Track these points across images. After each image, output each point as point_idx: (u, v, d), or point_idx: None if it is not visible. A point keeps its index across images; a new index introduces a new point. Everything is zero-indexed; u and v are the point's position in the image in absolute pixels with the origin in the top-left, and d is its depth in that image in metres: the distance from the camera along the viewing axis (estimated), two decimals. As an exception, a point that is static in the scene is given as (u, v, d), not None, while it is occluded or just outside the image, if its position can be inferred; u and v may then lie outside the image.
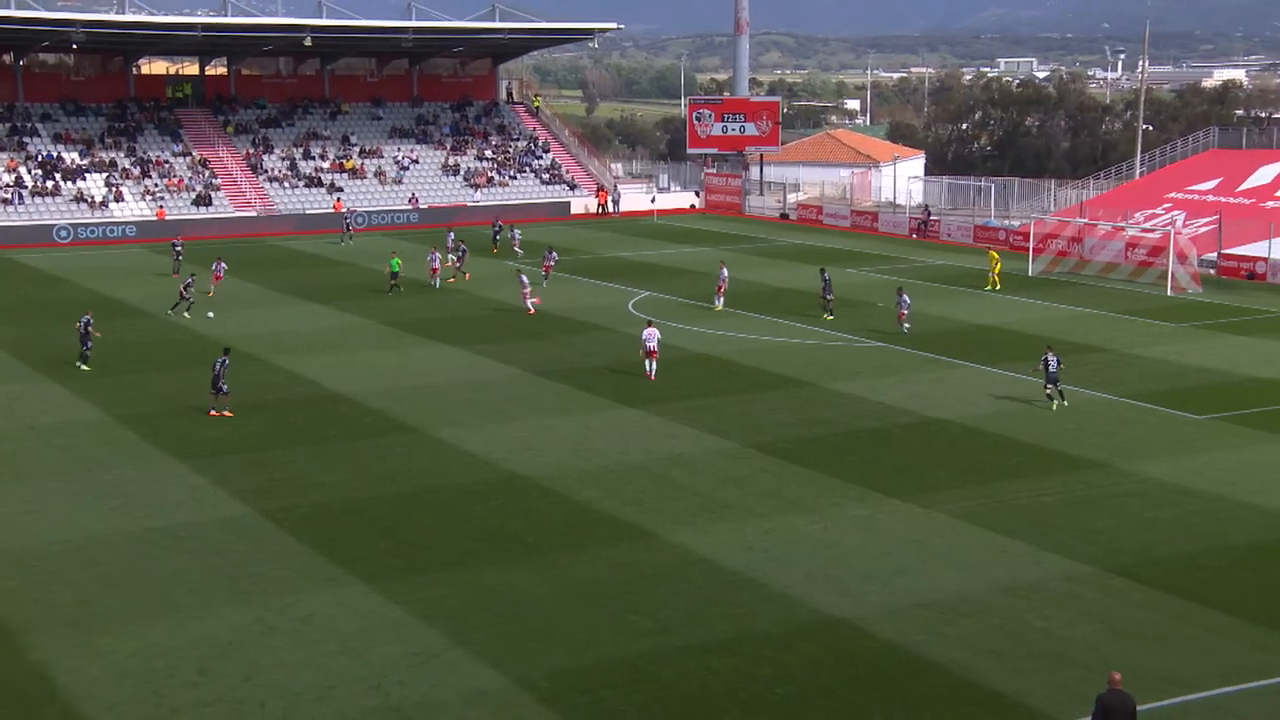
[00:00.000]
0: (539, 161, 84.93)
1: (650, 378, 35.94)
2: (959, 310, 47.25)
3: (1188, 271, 52.67)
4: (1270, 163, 68.41)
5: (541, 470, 27.89)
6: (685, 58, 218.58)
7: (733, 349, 40.34)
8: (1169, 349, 40.44)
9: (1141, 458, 28.61)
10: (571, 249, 64.74)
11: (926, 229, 70.76)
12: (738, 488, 26.72)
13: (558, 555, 22.98)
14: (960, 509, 25.19)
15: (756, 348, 40.50)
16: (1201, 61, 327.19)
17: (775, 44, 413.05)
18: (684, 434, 30.75)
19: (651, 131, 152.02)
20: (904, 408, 33.08)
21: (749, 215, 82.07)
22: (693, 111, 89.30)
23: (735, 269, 56.65)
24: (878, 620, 20.15)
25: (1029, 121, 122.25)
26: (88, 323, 37.63)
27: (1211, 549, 23.15)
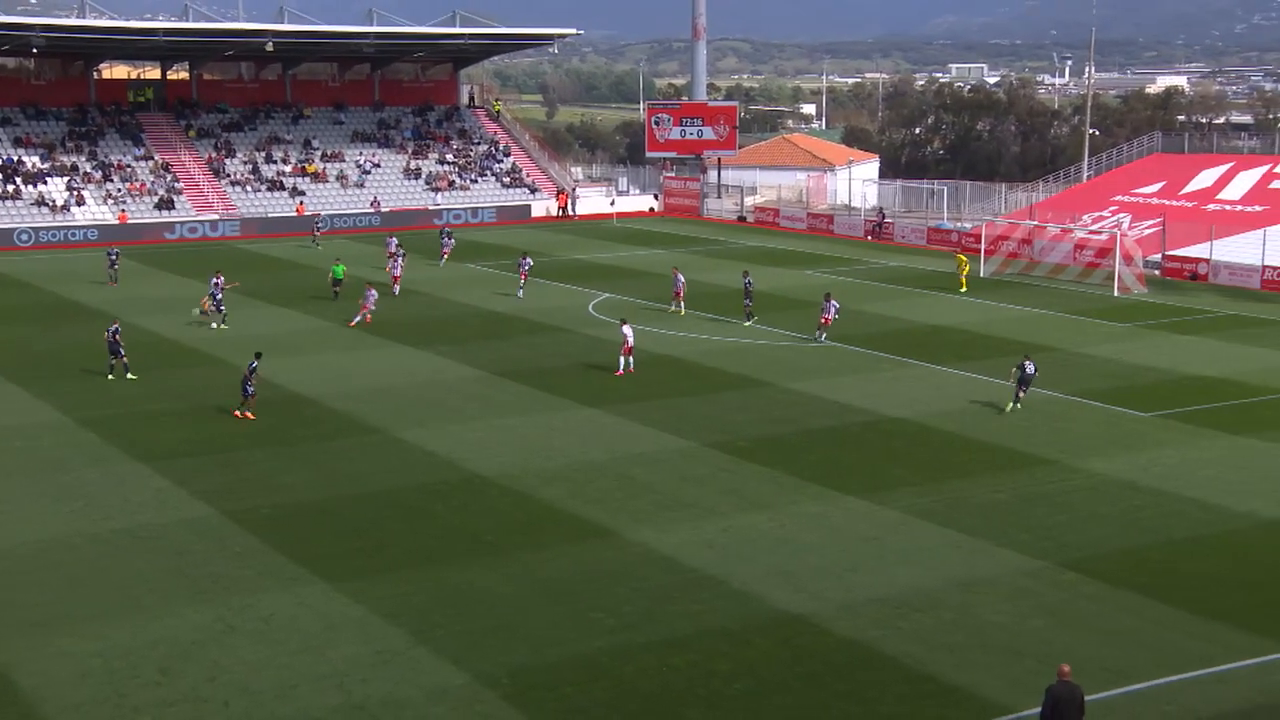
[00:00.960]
0: (500, 165, 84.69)
1: (618, 373, 35.95)
2: (913, 311, 47.53)
3: (1133, 273, 53.25)
4: (1211, 167, 69.28)
5: (503, 470, 27.79)
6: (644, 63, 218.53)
7: (692, 350, 40.38)
8: (1116, 348, 40.86)
9: (1090, 455, 28.87)
10: (532, 251, 64.57)
11: (881, 231, 71.15)
12: (697, 486, 26.73)
13: (520, 554, 22.91)
14: (915, 506, 25.33)
15: (716, 348, 40.56)
16: (1145, 68, 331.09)
17: (732, 49, 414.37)
18: (644, 434, 30.75)
19: (611, 135, 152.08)
20: (860, 407, 33.23)
21: (707, 218, 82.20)
22: (651, 116, 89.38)
23: (693, 271, 56.69)
24: (835, 616, 20.21)
25: (980, 126, 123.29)
26: (115, 331, 36.18)
27: (1156, 543, 23.39)
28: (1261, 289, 53.04)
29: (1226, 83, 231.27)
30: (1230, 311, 47.87)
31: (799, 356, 39.76)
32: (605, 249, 65.78)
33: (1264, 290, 52.84)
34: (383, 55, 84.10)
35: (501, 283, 54.49)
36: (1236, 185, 66.40)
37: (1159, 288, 53.32)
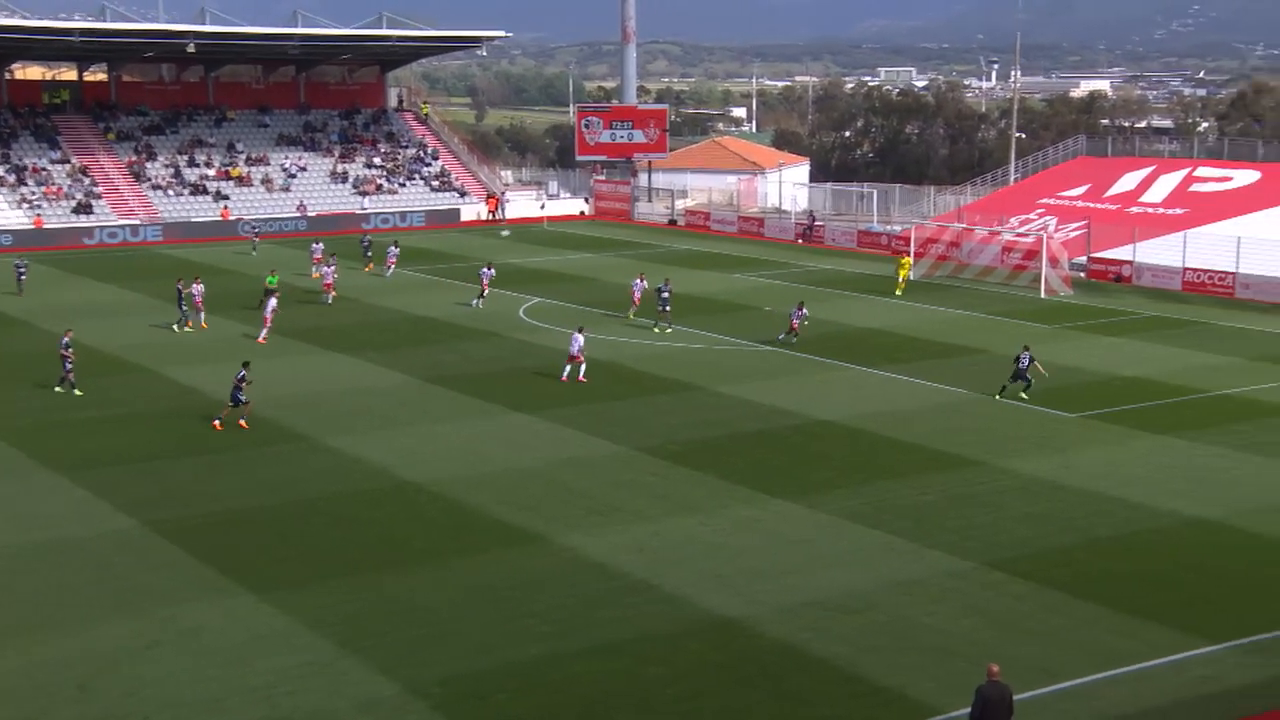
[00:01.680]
0: (428, 169, 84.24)
1: (563, 379, 36.03)
2: (843, 314, 48.00)
3: (1059, 275, 54.21)
4: (1133, 170, 70.73)
5: (433, 476, 27.67)
6: (574, 65, 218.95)
7: (624, 354, 40.45)
8: (1042, 350, 41.44)
9: (1017, 455, 29.36)
10: (463, 256, 64.36)
11: (811, 234, 71.78)
12: (628, 491, 26.80)
13: (450, 561, 22.82)
14: (845, 508, 25.59)
15: (647, 352, 40.67)
16: (1069, 73, 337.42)
17: (662, 52, 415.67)
18: (575, 438, 30.75)
19: (541, 139, 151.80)
20: (790, 410, 33.51)
21: (638, 221, 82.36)
22: (581, 119, 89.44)
23: (624, 275, 56.85)
24: (767, 619, 20.37)
25: (909, 129, 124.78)
26: (66, 344, 35.10)
27: (1082, 542, 23.85)
28: (1182, 290, 54.25)
29: (1148, 87, 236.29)
30: (1153, 313, 48.92)
31: (729, 360, 39.99)
32: (536, 253, 65.68)
33: (1185, 292, 54.05)
34: (308, 57, 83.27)
35: (432, 288, 54.20)
36: (1158, 188, 67.86)
37: (1084, 290, 54.33)
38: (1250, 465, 28.64)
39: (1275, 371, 38.00)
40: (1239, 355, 40.75)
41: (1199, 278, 54.34)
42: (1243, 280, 52.97)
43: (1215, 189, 66.17)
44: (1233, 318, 47.85)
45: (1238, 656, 19.03)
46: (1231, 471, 28.19)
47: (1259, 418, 32.76)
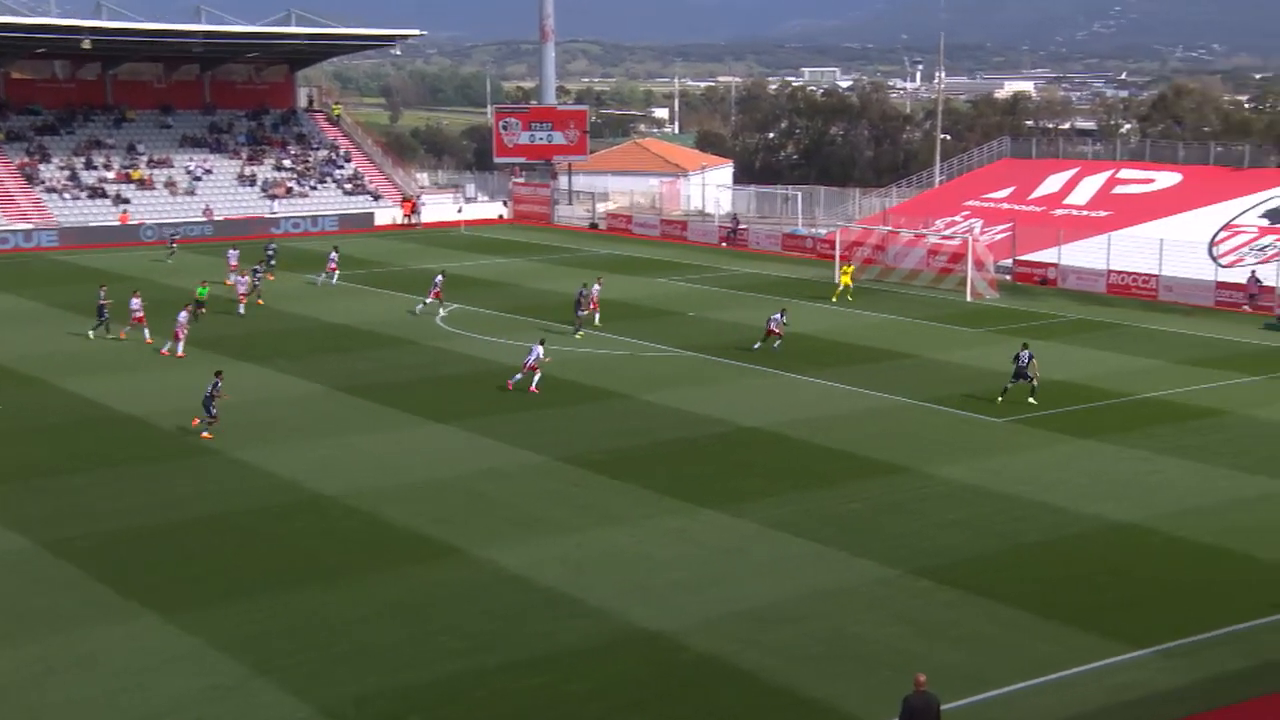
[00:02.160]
0: (341, 171, 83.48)
1: (509, 385, 35.92)
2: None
3: (985, 278, 55.12)
4: (1058, 172, 72.18)
5: (347, 489, 27.40)
6: (491, 65, 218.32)
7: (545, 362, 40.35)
8: (968, 354, 42.24)
9: (944, 461, 29.79)
10: (378, 261, 63.86)
11: (735, 238, 72.24)
12: (551, 502, 26.76)
13: (364, 576, 22.61)
14: (772, 517, 25.78)
15: (570, 360, 40.65)
16: (993, 73, 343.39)
17: (582, 51, 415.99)
18: (495, 449, 30.65)
19: (458, 140, 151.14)
20: (716, 417, 33.68)
21: (558, 225, 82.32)
22: (499, 120, 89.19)
23: (544, 280, 56.76)
24: (693, 631, 20.45)
25: (834, 130, 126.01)
26: None
27: (1008, 548, 24.26)
28: (1107, 293, 55.44)
29: (1071, 89, 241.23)
30: (1078, 316, 49.93)
31: (654, 367, 40.09)
32: (453, 258, 65.35)
33: (1109, 294, 55.24)
34: (213, 55, 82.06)
35: (347, 295, 53.69)
36: (1082, 190, 69.30)
37: (1010, 293, 55.30)
38: (1173, 468, 29.34)
39: (1197, 374, 38.97)
40: (1162, 358, 41.72)
41: (1123, 280, 55.57)
42: (1165, 283, 54.26)
43: (1138, 191, 67.73)
44: (1156, 320, 49.00)
45: (1162, 661, 19.48)
46: (1154, 475, 28.86)
47: (1181, 420, 33.57)
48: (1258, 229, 59.33)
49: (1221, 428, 32.93)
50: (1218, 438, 31.97)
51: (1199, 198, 64.37)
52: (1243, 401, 35.62)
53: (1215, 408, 34.83)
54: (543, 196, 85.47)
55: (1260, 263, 54.53)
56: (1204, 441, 31.56)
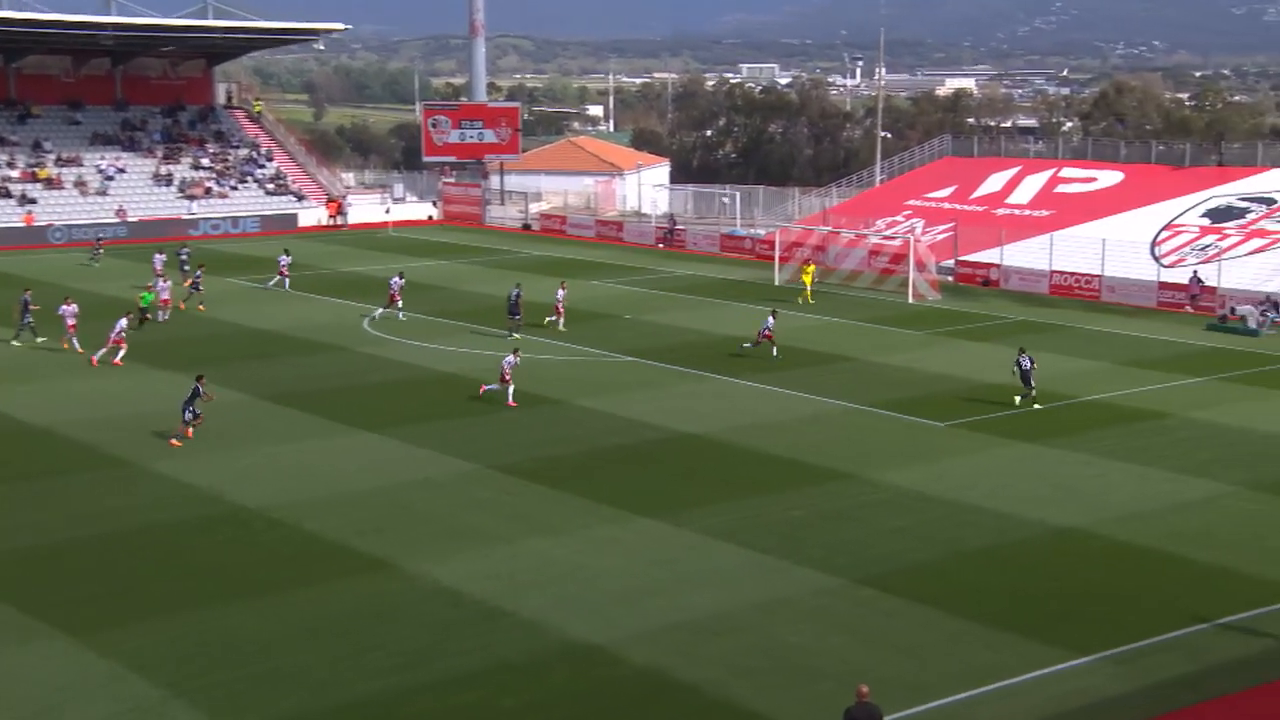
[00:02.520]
0: (262, 171, 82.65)
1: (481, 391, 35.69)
2: (707, 321, 48.55)
3: (927, 279, 55.71)
4: (1000, 170, 73.16)
5: (270, 501, 27.14)
6: (419, 61, 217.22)
7: (475, 367, 40.23)
8: (910, 356, 42.67)
9: (886, 466, 30.07)
10: (304, 264, 63.29)
11: (672, 238, 72.45)
12: (482, 512, 26.68)
13: (289, 592, 22.41)
14: (712, 526, 25.87)
15: (495, 365, 40.48)
16: (934, 70, 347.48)
17: (513, 47, 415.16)
18: (425, 457, 30.51)
19: (385, 138, 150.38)
20: (653, 423, 33.75)
21: (490, 226, 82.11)
22: (428, 117, 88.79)
23: (476, 283, 56.58)
24: (630, 644, 20.47)
25: (773, 128, 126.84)
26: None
27: (951, 555, 24.54)
28: (1050, 294, 56.26)
29: (1012, 85, 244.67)
30: (1021, 317, 50.61)
31: (590, 372, 40.10)
32: (381, 260, 64.96)
33: (1052, 295, 56.07)
34: (124, 48, 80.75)
35: (272, 300, 53.17)
36: (1024, 189, 70.30)
37: (952, 294, 55.94)
38: (1116, 472, 29.83)
39: (1140, 376, 39.65)
40: (1105, 360, 42.41)
41: (1066, 281, 56.42)
42: (1108, 283, 55.17)
43: (1080, 190, 68.84)
44: (1098, 321, 49.80)
45: (1107, 668, 19.80)
46: (1097, 479, 29.32)
47: (1124, 423, 34.15)
48: (1199, 229, 60.53)
49: (1164, 430, 33.53)
50: (1160, 440, 32.56)
51: (1141, 197, 65.56)
52: (1185, 403, 36.30)
53: (1158, 410, 35.47)
54: (474, 197, 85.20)
55: (1201, 263, 55.64)
56: (1147, 444, 32.13)
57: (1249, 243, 57.81)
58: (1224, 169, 67.19)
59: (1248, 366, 41.61)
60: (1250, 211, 61.19)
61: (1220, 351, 44.16)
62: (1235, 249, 57.10)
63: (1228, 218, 61.05)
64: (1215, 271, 52.71)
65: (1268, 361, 42.50)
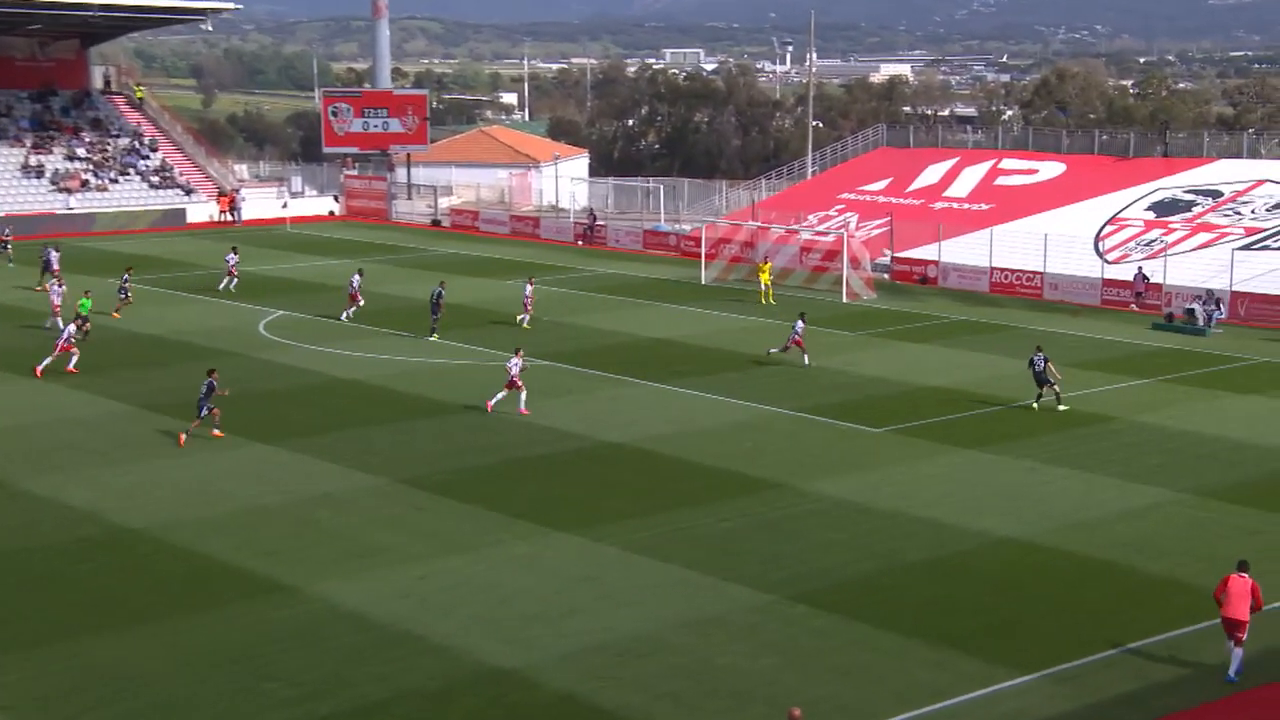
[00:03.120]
0: (146, 162, 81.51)
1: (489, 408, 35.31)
2: (631, 323, 48.67)
3: (861, 277, 56.26)
4: (937, 162, 74.13)
5: (157, 521, 26.79)
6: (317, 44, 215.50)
7: (381, 372, 40.02)
8: (845, 359, 43.08)
9: (820, 475, 30.34)
10: (192, 263, 62.50)
11: (592, 235, 72.55)
12: (389, 529, 26.54)
13: (178, 619, 22.12)
14: (636, 540, 25.94)
15: (408, 370, 40.34)
16: (869, 55, 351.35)
17: (421, 29, 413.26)
18: (327, 471, 30.28)
19: (281, 128, 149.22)
20: (573, 431, 33.76)
21: (396, 222, 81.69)
22: (328, 105, 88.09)
23: (383, 283, 56.20)
24: (548, 667, 20.48)
25: (698, 117, 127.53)
26: None
27: (889, 568, 24.81)
28: (991, 292, 57.09)
29: (950, 72, 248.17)
30: (960, 317, 51.30)
31: (502, 377, 39.99)
32: (278, 259, 64.34)
33: (993, 293, 56.90)
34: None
35: (158, 302, 52.43)
36: (963, 181, 71.31)
37: (888, 292, 56.56)
38: (1060, 479, 30.34)
39: (1084, 378, 40.35)
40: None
41: (1007, 278, 57.29)
42: (1050, 280, 56.11)
43: (1021, 182, 69.96)
44: (1041, 320, 50.61)
45: (1048, 686, 20.12)
46: (1041, 487, 29.81)
47: (1068, 428, 34.75)
48: (1144, 223, 61.78)
49: (1109, 434, 34.17)
50: (1105, 445, 33.17)
51: (1084, 189, 66.76)
52: (1131, 406, 37.02)
53: (1103, 413, 36.14)
54: (379, 190, 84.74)
55: (1147, 258, 56.77)
56: (1091, 449, 32.71)
57: (1195, 237, 59.10)
58: (1169, 160, 68.67)
59: (1195, 367, 42.54)
60: (1196, 204, 62.57)
61: (1167, 351, 45.10)
62: (1181, 244, 58.34)
63: (1173, 211, 62.39)
64: (1161, 268, 53.77)
65: (1215, 361, 43.49)
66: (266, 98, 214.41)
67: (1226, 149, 70.22)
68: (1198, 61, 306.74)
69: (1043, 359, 36.58)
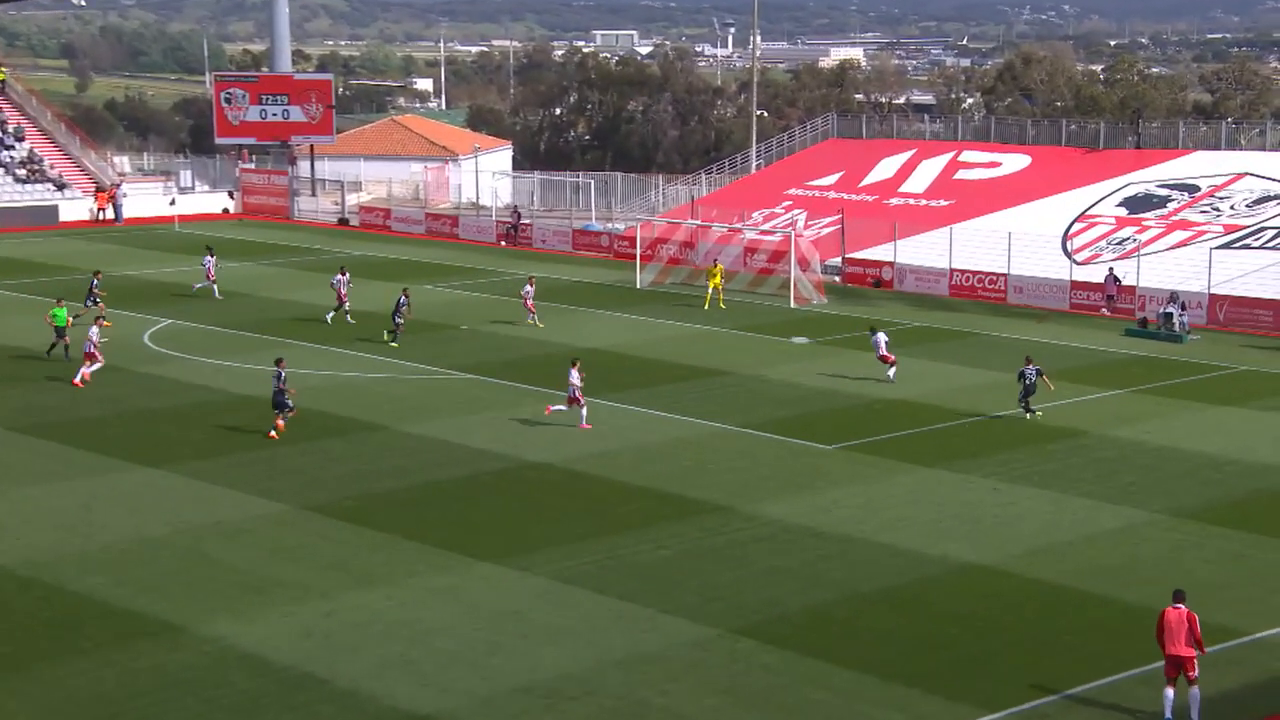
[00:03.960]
0: (11, 153, 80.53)
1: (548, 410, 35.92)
2: (560, 331, 48.61)
3: (811, 280, 56.58)
4: (891, 154, 74.76)
5: (24, 556, 26.43)
6: (208, 22, 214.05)
7: (281, 388, 39.72)
8: (794, 369, 43.29)
9: (767, 497, 30.45)
10: (64, 266, 61.74)
11: (517, 234, 72.47)
12: (292, 561, 26.35)
13: (49, 666, 21.81)
14: (565, 570, 25.90)
15: (315, 384, 40.05)
16: (817, 38, 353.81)
17: (324, 7, 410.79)
18: (222, 497, 30.02)
19: (168, 116, 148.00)
20: (496, 451, 33.67)
21: (299, 221, 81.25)
22: (221, 91, 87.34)
23: (285, 288, 55.80)
24: (468, 712, 20.38)
25: (632, 106, 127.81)
26: None
27: (842, 598, 24.93)
28: (950, 295, 57.61)
29: (906, 56, 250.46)
30: (918, 323, 51.71)
31: (420, 392, 39.84)
32: (164, 262, 63.74)
33: (952, 297, 57.41)
34: None
35: (26, 310, 51.73)
36: (920, 176, 71.97)
37: (840, 297, 56.90)
38: (1027, 499, 30.63)
39: (1055, 389, 40.77)
40: (1013, 371, 43.31)
41: (968, 280, 57.85)
42: (1015, 283, 56.70)
43: (983, 176, 70.72)
44: (1005, 326, 51.13)
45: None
46: (1007, 508, 30.09)
47: (1036, 443, 35.10)
48: (1115, 219, 62.63)
49: (1080, 450, 34.55)
50: (1076, 461, 33.54)
51: (1050, 184, 67.56)
52: (1103, 419, 37.46)
53: (1073, 427, 36.54)
54: (279, 186, 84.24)
55: (1119, 258, 57.51)
56: (1061, 466, 33.07)
57: (1171, 235, 59.97)
58: (1142, 152, 69.67)
59: (1171, 376, 43.13)
60: (1172, 200, 63.51)
61: (1141, 360, 45.68)
62: (1155, 242, 59.17)
63: (1147, 207, 63.28)
64: (1134, 268, 54.45)
65: (1192, 370, 44.12)
66: (150, 82, 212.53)
67: (1204, 139, 71.27)
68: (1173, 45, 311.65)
69: (1035, 371, 36.91)
